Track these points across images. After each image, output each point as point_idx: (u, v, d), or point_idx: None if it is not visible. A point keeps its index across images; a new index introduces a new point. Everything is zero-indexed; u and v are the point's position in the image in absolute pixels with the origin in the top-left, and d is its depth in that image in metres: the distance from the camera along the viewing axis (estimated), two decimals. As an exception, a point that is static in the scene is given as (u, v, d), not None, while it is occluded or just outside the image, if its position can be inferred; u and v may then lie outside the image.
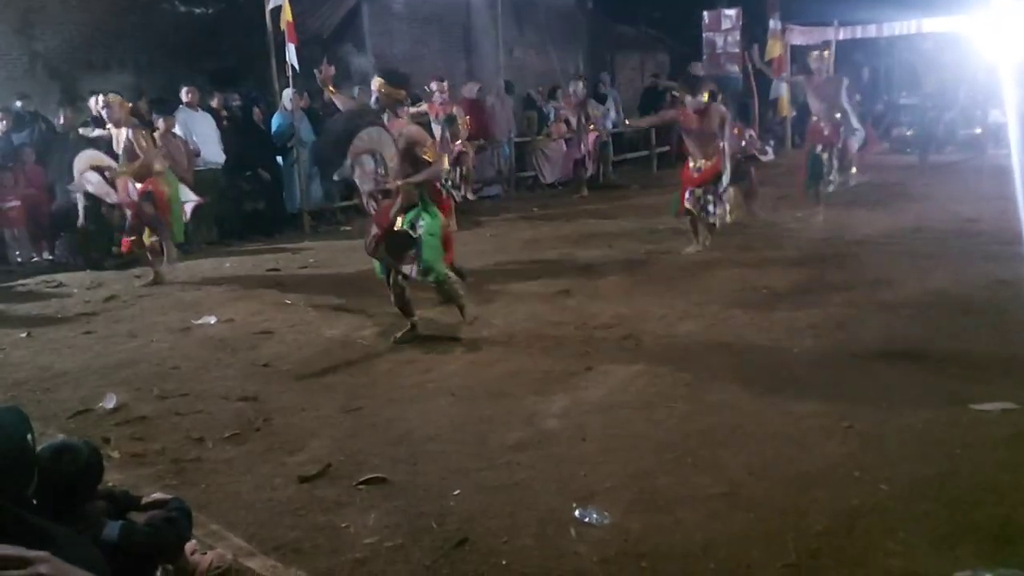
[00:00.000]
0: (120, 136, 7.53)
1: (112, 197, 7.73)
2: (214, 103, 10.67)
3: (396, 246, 5.40)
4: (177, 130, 9.56)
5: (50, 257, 9.30)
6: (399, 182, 5.21)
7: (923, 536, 2.97)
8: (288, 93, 10.56)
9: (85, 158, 7.66)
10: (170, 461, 3.95)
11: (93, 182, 7.66)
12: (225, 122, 10.53)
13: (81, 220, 8.23)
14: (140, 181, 7.55)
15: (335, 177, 5.54)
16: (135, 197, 7.55)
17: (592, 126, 12.89)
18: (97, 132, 8.20)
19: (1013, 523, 3.02)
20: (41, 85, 11.87)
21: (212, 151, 10.20)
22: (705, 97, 7.50)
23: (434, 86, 11.24)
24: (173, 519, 2.65)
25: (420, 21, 14.87)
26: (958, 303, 5.83)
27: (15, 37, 12.14)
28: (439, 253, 5.40)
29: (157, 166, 7.63)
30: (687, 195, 7.80)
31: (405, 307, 5.67)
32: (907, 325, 5.44)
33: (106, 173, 7.62)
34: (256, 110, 10.91)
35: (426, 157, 5.26)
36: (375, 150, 5.27)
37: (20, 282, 8.39)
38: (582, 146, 12.69)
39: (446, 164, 5.44)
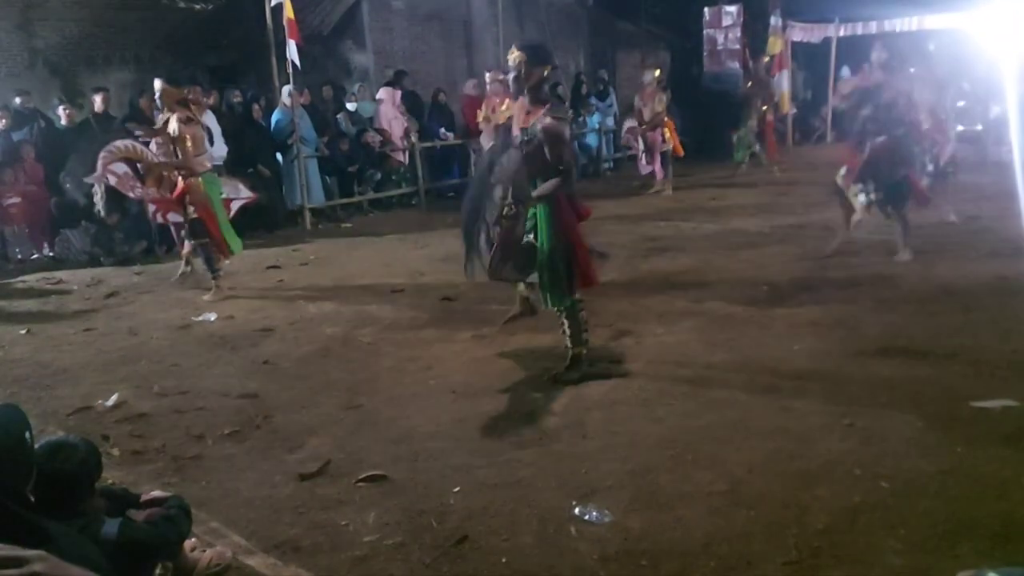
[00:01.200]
0: (171, 125, 6.96)
1: (137, 192, 7.23)
2: (211, 100, 10.64)
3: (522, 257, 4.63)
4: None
5: (50, 254, 9.29)
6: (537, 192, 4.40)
7: (924, 533, 2.97)
8: (287, 90, 10.55)
9: (117, 149, 7.00)
10: (170, 458, 3.95)
11: (119, 174, 7.08)
12: (223, 119, 10.50)
13: (101, 213, 7.92)
14: (183, 179, 7.01)
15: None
16: (168, 195, 7.08)
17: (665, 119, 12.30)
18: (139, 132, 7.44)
19: (1014, 520, 3.01)
20: (41, 81, 11.86)
21: (216, 147, 10.17)
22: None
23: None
24: (172, 517, 2.64)
25: (421, 18, 14.86)
26: (959, 300, 5.83)
27: (15, 33, 12.14)
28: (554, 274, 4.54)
29: (195, 167, 7.01)
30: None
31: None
32: (908, 322, 5.43)
33: (139, 166, 7.10)
34: (256, 107, 10.90)
35: (566, 158, 4.45)
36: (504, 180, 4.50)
37: (20, 279, 8.39)
38: (645, 141, 12.25)
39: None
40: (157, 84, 7.44)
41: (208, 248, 7.19)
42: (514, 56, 4.52)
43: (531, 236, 4.55)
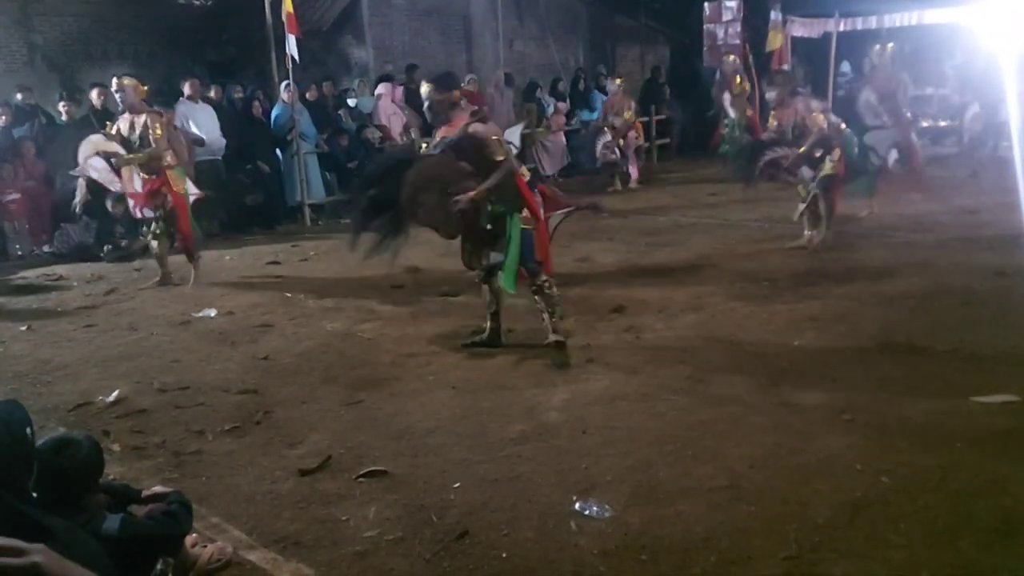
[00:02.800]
0: (137, 122, 7.08)
1: (116, 186, 7.32)
2: (211, 94, 10.63)
3: (480, 241, 5.01)
4: (176, 122, 9.50)
5: (50, 250, 9.28)
6: (471, 195, 4.70)
7: (924, 528, 2.97)
8: (284, 85, 10.53)
9: (91, 143, 7.20)
10: (170, 454, 3.95)
11: (98, 168, 7.20)
12: (223, 114, 10.48)
13: (78, 205, 7.87)
14: (148, 173, 7.16)
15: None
16: (140, 189, 7.18)
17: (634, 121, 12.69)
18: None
19: (1014, 515, 3.01)
20: (40, 77, 11.83)
21: (215, 140, 10.17)
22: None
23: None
24: (173, 512, 2.65)
25: (420, 13, 14.84)
26: (959, 295, 5.83)
27: (14, 29, 12.11)
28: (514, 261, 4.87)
29: (168, 159, 7.17)
30: None
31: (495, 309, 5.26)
32: (908, 317, 5.43)
33: (112, 160, 7.18)
34: (256, 103, 10.88)
35: (496, 158, 4.75)
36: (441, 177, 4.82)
37: (20, 275, 8.38)
38: (618, 146, 12.39)
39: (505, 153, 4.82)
40: (126, 81, 7.15)
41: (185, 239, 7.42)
42: (425, 89, 5.05)
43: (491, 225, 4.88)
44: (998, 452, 3.51)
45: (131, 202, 7.47)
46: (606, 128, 12.46)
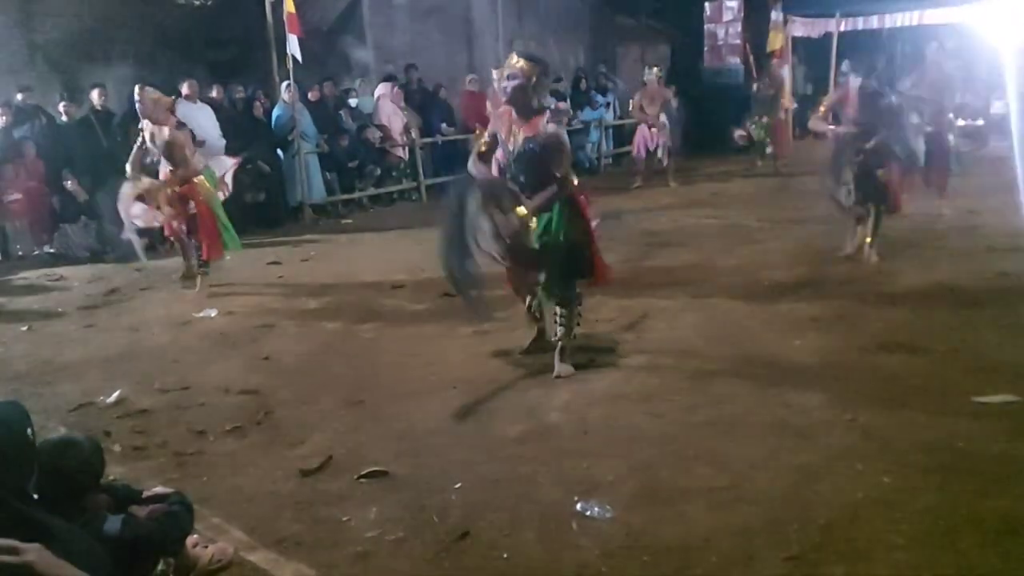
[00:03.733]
0: (158, 134, 6.89)
1: (159, 220, 7.21)
2: (213, 94, 10.63)
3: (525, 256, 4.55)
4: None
5: (51, 250, 9.28)
6: (524, 211, 4.28)
7: (926, 528, 2.97)
8: (285, 85, 10.53)
9: (126, 196, 6.99)
10: (171, 454, 3.95)
11: (139, 215, 7.09)
12: (224, 114, 10.48)
13: (142, 259, 7.64)
14: (181, 186, 7.03)
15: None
16: (178, 207, 7.07)
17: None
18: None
19: (1016, 516, 3.01)
20: (41, 77, 11.81)
21: (213, 142, 10.17)
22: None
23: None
24: (174, 513, 2.64)
25: (421, 13, 14.83)
26: (960, 295, 5.82)
27: (15, 29, 12.09)
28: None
29: (198, 167, 7.11)
30: None
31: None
32: (909, 317, 5.43)
33: (146, 198, 7.02)
34: (257, 103, 10.89)
35: (559, 172, 4.37)
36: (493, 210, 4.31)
37: (21, 275, 8.38)
38: (651, 138, 12.12)
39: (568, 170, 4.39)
40: (149, 92, 6.95)
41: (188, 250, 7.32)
42: (521, 65, 4.38)
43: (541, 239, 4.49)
44: (999, 452, 3.50)
45: (175, 223, 7.26)
46: (639, 117, 12.17)
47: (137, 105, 7.00)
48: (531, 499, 3.33)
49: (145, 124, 7.02)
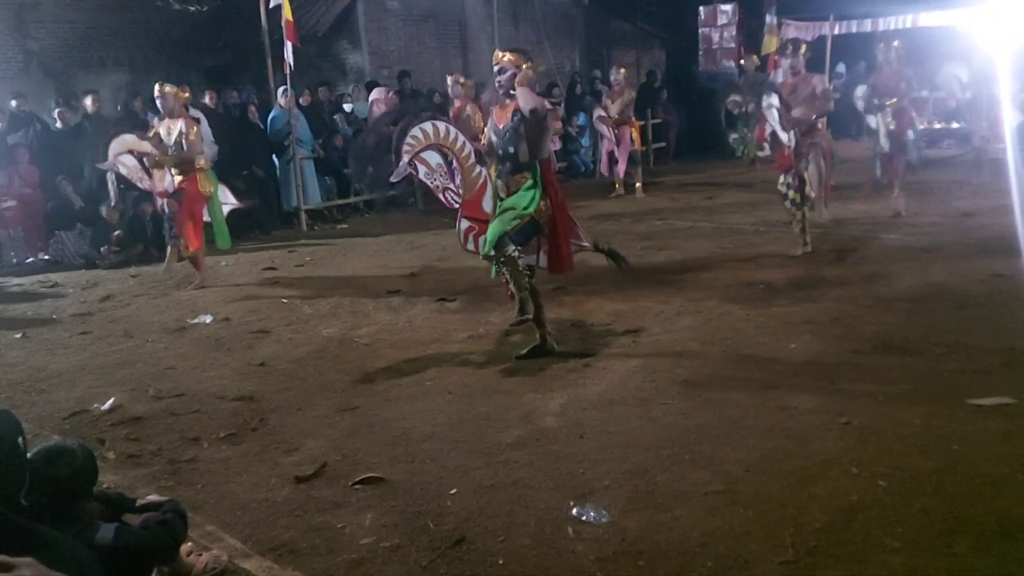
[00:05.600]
0: (174, 128, 7.25)
1: (145, 183, 7.62)
2: (206, 100, 10.63)
3: (519, 233, 4.92)
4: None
5: (45, 257, 9.26)
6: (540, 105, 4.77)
7: (921, 531, 2.97)
8: (282, 90, 10.53)
9: (124, 141, 7.41)
10: (166, 462, 3.94)
11: (128, 165, 7.47)
12: (218, 120, 10.47)
13: (112, 200, 8.02)
14: (180, 175, 7.33)
15: (393, 179, 5.01)
16: (170, 188, 7.36)
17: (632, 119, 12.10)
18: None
19: (1011, 517, 3.01)
20: (36, 84, 11.83)
21: (208, 148, 10.15)
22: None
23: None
24: (168, 521, 2.64)
25: (416, 18, 14.85)
26: (955, 297, 5.83)
27: (9, 36, 12.10)
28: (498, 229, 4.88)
29: (201, 162, 7.40)
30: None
31: (538, 312, 5.07)
32: (903, 320, 5.43)
33: (144, 160, 7.40)
34: (252, 108, 10.88)
35: (547, 124, 4.89)
36: (440, 145, 5.02)
37: (15, 282, 8.36)
38: (616, 141, 11.92)
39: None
40: (167, 88, 7.33)
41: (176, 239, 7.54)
42: (509, 57, 4.90)
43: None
44: (994, 454, 3.50)
45: (160, 200, 7.66)
46: (601, 120, 11.98)
47: (159, 101, 7.40)
48: (526, 504, 3.33)
49: (163, 123, 7.36)
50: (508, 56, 4.90)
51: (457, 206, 5.27)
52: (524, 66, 4.88)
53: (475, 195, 5.14)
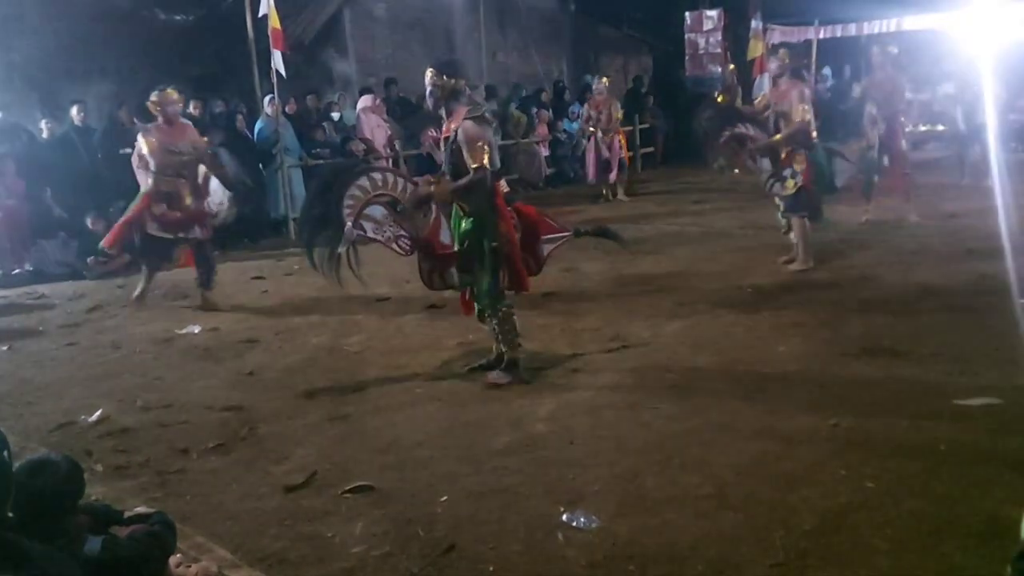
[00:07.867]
0: (179, 136, 7.06)
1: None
2: (192, 110, 10.58)
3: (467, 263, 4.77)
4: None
5: (30, 268, 9.20)
6: (430, 190, 4.69)
7: (910, 533, 2.98)
8: (268, 99, 10.51)
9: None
10: (154, 473, 3.91)
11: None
12: (203, 130, 10.43)
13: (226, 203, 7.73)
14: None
15: (340, 249, 4.74)
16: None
17: (619, 127, 12.23)
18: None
19: (998, 518, 3.01)
20: (19, 95, 11.75)
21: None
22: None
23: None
24: (156, 533, 2.62)
25: (403, 26, 14.86)
26: (941, 299, 5.87)
27: (-8, 48, 12.03)
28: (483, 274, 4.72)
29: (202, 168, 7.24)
30: None
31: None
32: (891, 322, 5.46)
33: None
34: (239, 117, 10.86)
35: (471, 165, 4.51)
36: (381, 195, 4.77)
37: (1, 294, 8.30)
38: (607, 148, 11.96)
39: (486, 162, 4.51)
40: (174, 94, 7.13)
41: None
42: (428, 75, 4.67)
43: (460, 244, 4.73)
44: (981, 455, 3.52)
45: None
46: (590, 134, 11.97)
47: (166, 108, 7.03)
48: (517, 511, 3.32)
49: (146, 134, 7.02)
50: (429, 73, 4.67)
51: (411, 253, 4.96)
52: (450, 82, 4.64)
53: (431, 229, 4.87)
